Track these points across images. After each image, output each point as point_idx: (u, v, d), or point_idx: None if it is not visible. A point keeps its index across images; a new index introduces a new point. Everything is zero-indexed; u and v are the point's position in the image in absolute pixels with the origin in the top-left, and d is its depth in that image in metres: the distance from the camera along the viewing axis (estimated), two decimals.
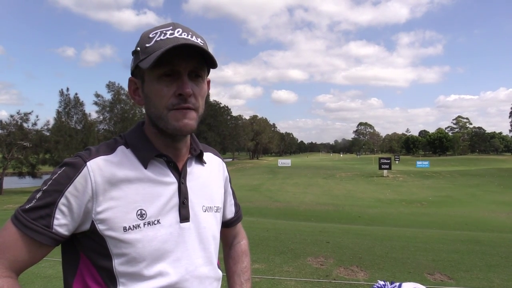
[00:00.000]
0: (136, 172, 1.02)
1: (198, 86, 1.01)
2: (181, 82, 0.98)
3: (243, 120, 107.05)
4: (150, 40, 0.98)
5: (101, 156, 1.01)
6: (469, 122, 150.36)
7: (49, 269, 5.13)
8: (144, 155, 1.04)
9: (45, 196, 0.96)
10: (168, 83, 0.98)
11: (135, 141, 1.07)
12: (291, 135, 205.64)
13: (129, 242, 0.97)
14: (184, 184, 1.08)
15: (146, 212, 1.00)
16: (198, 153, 1.15)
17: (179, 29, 0.99)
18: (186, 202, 1.07)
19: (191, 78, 1.00)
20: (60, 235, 0.96)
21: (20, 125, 33.87)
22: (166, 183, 1.05)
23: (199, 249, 1.08)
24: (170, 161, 1.07)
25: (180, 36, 0.97)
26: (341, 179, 43.49)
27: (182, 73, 0.98)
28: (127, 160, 1.03)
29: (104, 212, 0.97)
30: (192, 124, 1.01)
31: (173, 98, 0.98)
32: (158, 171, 1.05)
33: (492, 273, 5.43)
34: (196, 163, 1.16)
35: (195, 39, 0.99)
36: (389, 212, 22.68)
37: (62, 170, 0.98)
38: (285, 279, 4.90)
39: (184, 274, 1.04)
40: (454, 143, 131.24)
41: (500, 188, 34.94)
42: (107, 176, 0.98)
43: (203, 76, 1.03)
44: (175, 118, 0.99)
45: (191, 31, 1.00)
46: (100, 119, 44.50)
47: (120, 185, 0.99)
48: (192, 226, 1.07)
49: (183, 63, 0.97)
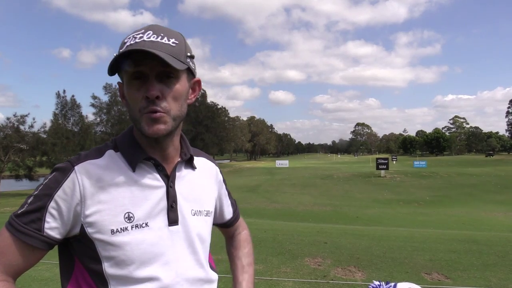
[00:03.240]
0: (124, 176, 1.03)
1: (169, 87, 0.99)
2: (148, 84, 0.97)
3: (241, 121, 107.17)
4: (123, 46, 0.99)
5: (89, 160, 1.02)
6: (466, 122, 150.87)
7: (46, 272, 5.12)
8: (132, 158, 1.05)
9: (36, 201, 0.98)
10: (138, 86, 0.98)
11: (124, 145, 1.07)
12: (289, 136, 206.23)
13: (117, 244, 0.98)
14: (172, 187, 1.08)
15: (134, 215, 1.01)
16: (188, 157, 1.15)
17: (150, 31, 0.98)
18: (175, 206, 1.07)
19: (162, 80, 0.98)
20: (51, 238, 0.98)
21: (16, 128, 33.81)
22: (154, 186, 1.05)
23: (188, 252, 1.09)
24: (158, 165, 1.07)
25: (147, 39, 0.96)
26: (339, 179, 43.51)
27: (149, 75, 0.97)
28: (115, 164, 1.04)
29: (92, 216, 0.98)
30: (164, 128, 1.00)
31: (143, 102, 0.98)
32: (146, 175, 1.05)
33: (489, 272, 5.45)
34: (186, 167, 1.15)
35: (165, 40, 0.97)
36: (386, 212, 22.73)
37: (52, 175, 1.01)
38: (283, 280, 4.91)
39: (175, 277, 1.04)
40: (451, 143, 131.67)
41: (496, 187, 35.05)
42: (95, 179, 1.00)
43: (177, 76, 1.01)
44: (146, 122, 0.99)
45: (164, 32, 0.99)
46: (97, 121, 44.58)
47: (108, 188, 1.00)
48: (181, 229, 1.07)
49: (148, 66, 0.96)
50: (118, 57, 0.95)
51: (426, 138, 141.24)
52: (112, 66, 0.96)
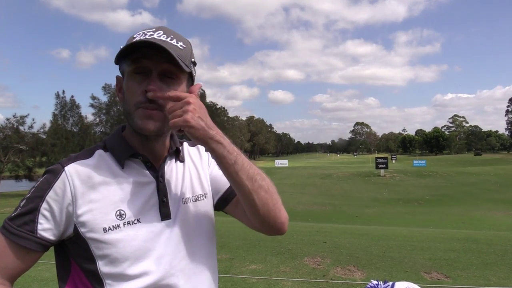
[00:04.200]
0: (113, 174, 1.04)
1: (169, 87, 1.00)
2: (150, 80, 0.99)
3: (240, 121, 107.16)
4: (131, 39, 1.01)
5: (79, 161, 1.04)
6: (465, 120, 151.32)
7: (45, 272, 5.13)
8: (120, 156, 1.06)
9: (28, 203, 0.99)
10: (139, 80, 1.00)
11: (113, 144, 1.09)
12: (288, 135, 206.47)
13: (110, 242, 0.98)
14: (162, 182, 1.08)
15: (125, 212, 1.01)
16: (174, 150, 1.15)
17: (161, 31, 1.01)
18: (166, 200, 1.08)
19: (163, 79, 1.00)
20: (45, 239, 0.99)
21: (16, 128, 33.79)
22: (143, 183, 1.06)
23: (183, 242, 1.08)
24: (146, 161, 1.08)
25: (157, 37, 0.98)
26: (338, 178, 43.50)
27: (152, 71, 0.99)
28: (104, 163, 1.05)
29: (84, 215, 0.98)
30: (157, 125, 1.01)
31: (141, 96, 0.99)
32: (135, 172, 1.06)
33: (488, 271, 5.45)
34: (174, 159, 1.16)
35: (174, 42, 1.00)
36: (386, 212, 22.74)
37: (44, 177, 1.02)
38: (282, 279, 4.91)
39: (169, 269, 1.04)
40: (451, 142, 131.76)
41: (496, 186, 35.06)
42: (85, 179, 1.00)
43: (178, 78, 1.03)
44: (139, 116, 1.00)
45: (173, 35, 1.02)
46: (97, 122, 44.43)
47: (98, 187, 1.01)
48: (174, 222, 1.08)
49: (153, 62, 0.99)
50: (128, 47, 0.97)
51: (425, 137, 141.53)
52: (121, 54, 0.99)
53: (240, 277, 4.88)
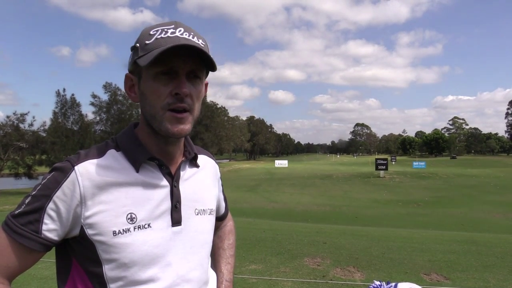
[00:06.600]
0: (126, 176, 1.00)
1: (195, 87, 0.99)
2: (179, 81, 0.96)
3: (240, 121, 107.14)
4: (150, 37, 0.96)
5: (90, 160, 0.99)
6: (465, 123, 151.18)
7: (45, 270, 5.12)
8: (136, 158, 1.02)
9: (34, 201, 0.95)
10: (166, 81, 0.96)
11: (126, 144, 1.04)
12: (288, 136, 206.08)
13: (119, 246, 0.95)
14: (176, 187, 1.05)
15: (137, 216, 0.98)
16: (193, 156, 1.13)
17: (181, 28, 0.97)
18: (179, 206, 1.05)
19: (189, 79, 0.98)
20: (49, 240, 0.95)
21: (16, 126, 33.86)
22: (158, 186, 1.02)
23: (190, 253, 1.07)
24: (162, 165, 1.04)
25: (181, 35, 0.95)
26: (338, 180, 43.54)
27: (180, 72, 0.96)
28: (117, 164, 1.01)
29: (93, 217, 0.95)
30: (187, 128, 0.99)
31: (169, 98, 0.96)
32: (150, 175, 1.02)
33: (488, 273, 5.45)
34: (190, 166, 1.13)
35: (196, 40, 0.97)
36: (385, 213, 22.74)
37: (51, 175, 0.97)
38: (282, 280, 4.91)
39: (176, 279, 1.02)
40: (450, 144, 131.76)
41: (496, 188, 35.07)
42: (96, 180, 0.96)
43: (201, 77, 1.02)
44: (169, 121, 0.97)
45: (192, 32, 0.98)
46: (97, 120, 44.45)
47: (109, 188, 0.97)
48: (184, 230, 1.05)
49: (182, 63, 0.95)
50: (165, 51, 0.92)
51: (425, 139, 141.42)
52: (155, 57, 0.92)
53: (240, 277, 4.88)
